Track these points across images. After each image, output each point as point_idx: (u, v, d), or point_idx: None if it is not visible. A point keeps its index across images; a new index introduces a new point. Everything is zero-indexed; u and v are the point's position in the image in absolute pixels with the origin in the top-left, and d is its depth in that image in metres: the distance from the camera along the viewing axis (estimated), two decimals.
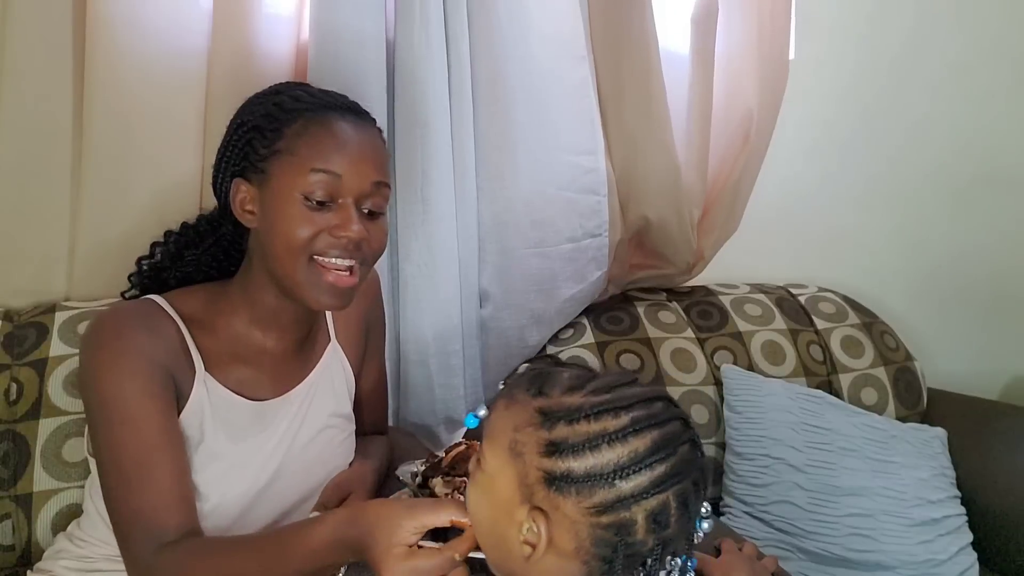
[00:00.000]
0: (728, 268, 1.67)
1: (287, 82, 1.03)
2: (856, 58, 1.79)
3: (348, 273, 0.93)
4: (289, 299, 0.95)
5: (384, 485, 1.11)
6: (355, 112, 0.97)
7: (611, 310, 1.61)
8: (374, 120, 1.00)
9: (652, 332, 1.56)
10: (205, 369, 0.94)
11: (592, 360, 1.50)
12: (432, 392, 1.46)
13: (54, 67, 1.26)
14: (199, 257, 1.06)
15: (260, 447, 0.97)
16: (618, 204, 1.56)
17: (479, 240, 1.47)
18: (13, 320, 1.24)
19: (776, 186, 1.77)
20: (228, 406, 0.95)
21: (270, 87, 1.00)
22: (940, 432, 1.49)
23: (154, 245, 1.09)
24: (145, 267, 1.08)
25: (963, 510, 1.37)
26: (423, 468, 0.97)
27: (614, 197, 1.54)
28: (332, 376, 1.07)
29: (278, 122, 0.92)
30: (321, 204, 0.90)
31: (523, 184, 1.44)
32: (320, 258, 0.91)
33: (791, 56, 1.77)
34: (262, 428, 0.98)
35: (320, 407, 1.04)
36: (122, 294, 1.08)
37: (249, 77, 1.27)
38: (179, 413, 0.91)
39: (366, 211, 0.93)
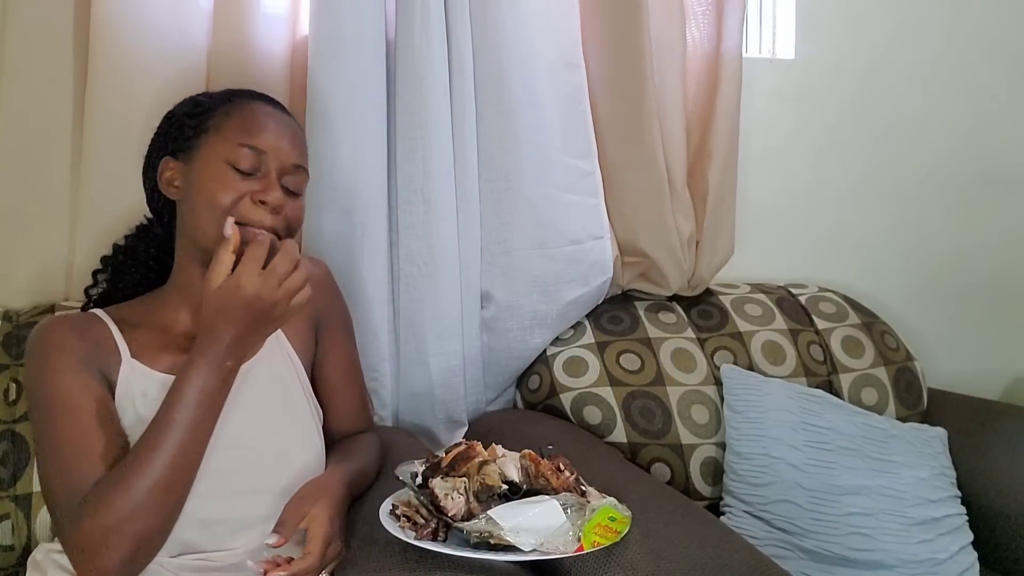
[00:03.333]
0: (728, 268, 1.67)
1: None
2: (856, 58, 1.79)
3: None
4: None
5: (373, 486, 1.09)
6: (276, 104, 1.08)
7: (611, 310, 1.60)
8: (293, 116, 1.10)
9: (652, 332, 1.56)
10: (132, 356, 0.98)
11: (592, 359, 1.50)
12: (432, 392, 1.46)
13: (54, 67, 1.27)
14: (139, 275, 1.12)
15: None
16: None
17: (481, 240, 1.47)
18: (13, 320, 1.24)
19: (776, 186, 1.78)
20: (160, 387, 0.94)
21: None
22: (940, 432, 1.48)
23: (104, 259, 1.15)
24: (100, 283, 1.14)
25: (963, 510, 1.37)
26: (423, 468, 0.97)
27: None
28: (273, 364, 1.06)
29: (205, 107, 1.03)
30: (246, 174, 0.98)
31: (527, 185, 1.44)
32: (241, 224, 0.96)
33: (791, 56, 1.78)
34: None
35: (260, 393, 1.02)
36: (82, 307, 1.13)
37: (249, 77, 1.27)
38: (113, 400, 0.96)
39: (286, 188, 1.01)
